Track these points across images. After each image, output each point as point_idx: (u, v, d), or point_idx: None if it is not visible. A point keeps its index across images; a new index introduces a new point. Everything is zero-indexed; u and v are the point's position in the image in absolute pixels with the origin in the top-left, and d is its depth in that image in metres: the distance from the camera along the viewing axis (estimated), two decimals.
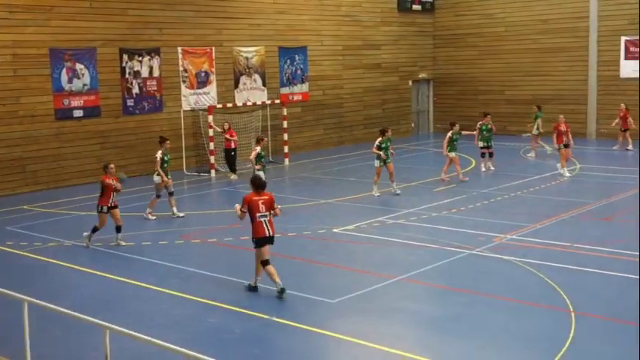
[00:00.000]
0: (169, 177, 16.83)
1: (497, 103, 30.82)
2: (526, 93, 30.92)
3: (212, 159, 23.29)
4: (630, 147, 25.83)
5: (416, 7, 32.63)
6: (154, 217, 16.63)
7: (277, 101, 26.35)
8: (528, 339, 9.08)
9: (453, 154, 20.12)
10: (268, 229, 10.82)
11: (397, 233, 14.64)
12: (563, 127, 20.75)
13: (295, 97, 27.99)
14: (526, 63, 31.15)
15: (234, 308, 10.40)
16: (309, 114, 28.61)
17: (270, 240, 10.89)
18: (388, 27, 31.64)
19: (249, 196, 10.90)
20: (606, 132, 29.02)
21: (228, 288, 11.44)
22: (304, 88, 28.39)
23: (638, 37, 28.12)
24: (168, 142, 17.30)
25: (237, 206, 11.00)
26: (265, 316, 10.02)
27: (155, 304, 10.87)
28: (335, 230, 15.06)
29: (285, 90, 27.62)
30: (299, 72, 28.15)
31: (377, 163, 18.50)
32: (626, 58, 28.60)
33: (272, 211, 10.91)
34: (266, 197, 10.90)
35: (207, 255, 13.87)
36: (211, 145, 23.24)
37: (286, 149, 25.47)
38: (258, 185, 11.00)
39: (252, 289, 11.09)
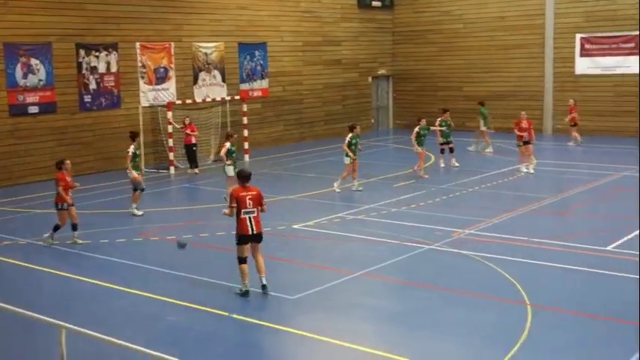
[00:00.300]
0: (139, 173, 16.68)
1: (456, 100, 31.10)
2: (484, 89, 31.28)
3: (171, 156, 23.10)
4: (578, 141, 26.29)
5: (375, 3, 32.75)
6: (140, 213, 16.42)
7: (237, 97, 26.24)
8: (486, 332, 9.20)
9: (420, 150, 20.26)
10: (252, 227, 10.53)
11: (357, 229, 14.70)
12: (524, 124, 20.82)
13: (255, 93, 27.90)
14: (484, 60, 31.50)
15: (194, 306, 10.34)
16: (269, 110, 28.54)
17: (253, 238, 10.61)
18: (348, 23, 31.71)
19: (236, 191, 10.62)
20: (562, 127, 29.52)
21: (187, 285, 11.37)
22: (264, 84, 28.31)
23: (594, 35, 28.65)
24: (139, 137, 17.20)
25: (225, 210, 10.77)
26: (225, 314, 9.99)
27: (113, 302, 10.75)
28: (295, 226, 15.07)
29: (244, 86, 27.51)
30: (259, 68, 28.06)
31: (347, 160, 18.50)
32: (581, 55, 29.11)
33: (260, 208, 10.65)
34: (254, 193, 10.61)
35: (166, 252, 13.74)
36: (170, 142, 23.06)
37: (246, 145, 25.40)
38: (244, 177, 10.68)
39: (245, 293, 10.67)
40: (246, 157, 25.05)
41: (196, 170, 22.57)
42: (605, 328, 9.29)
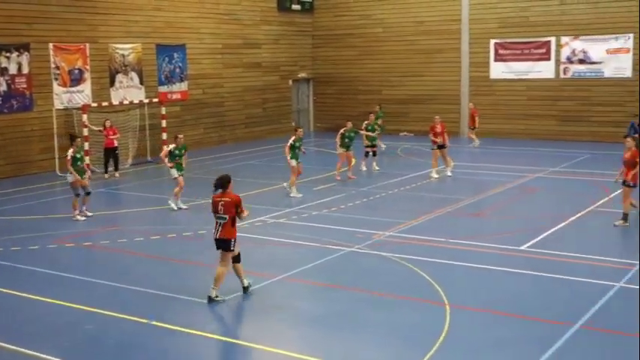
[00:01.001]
0: (85, 177, 16.35)
1: (376, 103, 31.41)
2: (403, 93, 31.79)
3: (87, 159, 22.46)
4: (475, 143, 27.19)
5: (295, 6, 32.84)
6: (83, 218, 16.01)
7: (155, 100, 25.80)
8: (405, 333, 9.32)
9: (342, 151, 20.38)
10: (217, 232, 10.44)
11: (278, 232, 14.66)
12: (438, 128, 21.13)
13: (174, 96, 27.51)
14: (403, 63, 32.01)
15: (112, 314, 10.08)
16: (189, 113, 28.19)
17: (216, 243, 10.52)
18: (268, 26, 31.67)
19: (213, 196, 10.61)
20: (477, 130, 30.25)
21: (105, 293, 11.08)
22: (183, 86, 27.95)
23: (507, 41, 29.51)
24: (79, 139, 16.90)
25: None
26: (144, 320, 9.77)
27: (27, 312, 10.36)
28: None
29: (163, 88, 27.09)
30: (178, 70, 27.68)
31: (294, 162, 18.37)
32: (496, 60, 29.95)
33: (239, 214, 10.45)
34: (227, 199, 10.41)
35: (82, 259, 13.37)
36: (86, 145, 22.44)
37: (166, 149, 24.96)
38: (216, 185, 10.57)
39: (213, 300, 10.41)
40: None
41: (116, 174, 22.08)
42: (521, 327, 9.54)
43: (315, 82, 34.49)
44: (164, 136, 24.99)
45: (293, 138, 18.68)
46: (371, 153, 22.05)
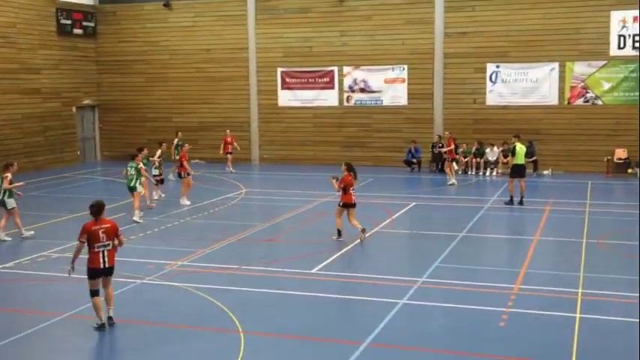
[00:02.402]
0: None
1: (166, 130, 30.90)
2: (194, 120, 31.59)
3: None
4: (231, 169, 27.94)
5: (77, 31, 31.52)
6: (9, 239, 16.14)
7: None
8: None
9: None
10: (104, 261, 10.25)
11: (63, 267, 13.70)
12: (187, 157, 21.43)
13: None
14: (193, 91, 31.83)
15: None
16: None
17: (105, 272, 10.33)
18: (48, 50, 30.10)
19: (88, 225, 10.26)
20: (267, 157, 30.84)
21: None
22: None
23: (293, 70, 30.41)
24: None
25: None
26: None
27: None
28: None
29: None
30: None
31: (140, 188, 18.60)
32: (283, 87, 30.73)
33: (116, 240, 10.40)
34: (107, 226, 10.34)
35: None
36: None
37: None
38: (95, 212, 10.35)
39: (100, 327, 10.26)
40: None
41: None
42: (314, 348, 9.74)
43: (101, 109, 33.27)
44: None
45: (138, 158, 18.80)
46: (159, 181, 21.63)
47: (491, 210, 19.85)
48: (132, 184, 18.43)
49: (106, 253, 10.30)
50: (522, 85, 27.62)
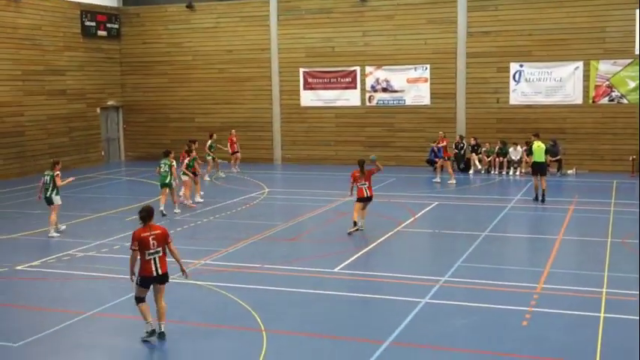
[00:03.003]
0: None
1: (189, 131, 31.10)
2: (216, 120, 31.73)
3: None
4: (236, 169, 27.86)
5: (101, 33, 31.83)
6: (63, 227, 16.87)
7: None
8: None
9: (186, 178, 20.44)
10: (157, 268, 9.81)
11: (88, 266, 13.99)
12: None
13: None
14: (215, 91, 32.00)
15: None
16: None
17: (158, 279, 9.89)
18: (73, 52, 30.42)
19: (138, 232, 9.78)
20: (291, 157, 30.91)
21: None
22: None
23: (315, 70, 30.44)
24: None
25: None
26: None
27: None
28: (18, 267, 13.95)
29: None
30: None
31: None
32: (305, 88, 30.78)
33: (166, 247, 9.94)
34: (158, 232, 9.87)
35: None
36: None
37: None
38: (144, 217, 9.84)
39: (151, 333, 9.90)
40: None
41: None
42: (335, 347, 9.75)
43: (125, 109, 33.56)
44: None
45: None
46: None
47: (514, 209, 19.74)
48: (167, 181, 18.89)
49: (157, 260, 9.83)
50: (546, 84, 27.43)
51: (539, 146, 20.54)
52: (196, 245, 15.65)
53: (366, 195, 16.64)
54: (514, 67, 27.75)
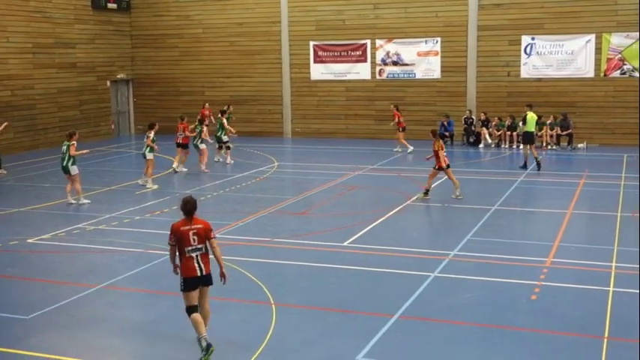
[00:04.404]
0: None
1: (199, 104, 31.06)
2: (225, 94, 31.69)
3: None
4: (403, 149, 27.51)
5: (111, 5, 31.73)
6: (74, 202, 17.20)
7: None
8: (233, 335, 9.27)
9: (203, 146, 22.15)
10: (200, 267, 8.63)
11: (99, 239, 14.09)
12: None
13: None
14: (225, 64, 31.91)
15: None
16: None
17: (202, 280, 8.68)
18: (83, 25, 30.36)
19: (177, 225, 8.72)
20: (300, 131, 30.86)
21: None
22: None
23: (325, 43, 30.27)
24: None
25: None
26: None
27: None
28: (30, 241, 14.07)
29: None
30: None
31: (151, 155, 19.43)
32: (315, 61, 30.64)
33: (210, 242, 8.78)
34: (199, 226, 8.73)
35: None
36: None
37: None
38: (188, 209, 8.75)
39: (206, 348, 8.42)
40: None
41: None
42: (345, 320, 9.80)
43: (135, 83, 33.55)
44: None
45: (152, 133, 19.67)
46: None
47: (524, 183, 19.69)
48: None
49: (200, 258, 8.65)
50: (557, 57, 27.21)
51: (532, 117, 21.71)
52: (206, 219, 15.62)
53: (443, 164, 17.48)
54: (525, 40, 27.52)
